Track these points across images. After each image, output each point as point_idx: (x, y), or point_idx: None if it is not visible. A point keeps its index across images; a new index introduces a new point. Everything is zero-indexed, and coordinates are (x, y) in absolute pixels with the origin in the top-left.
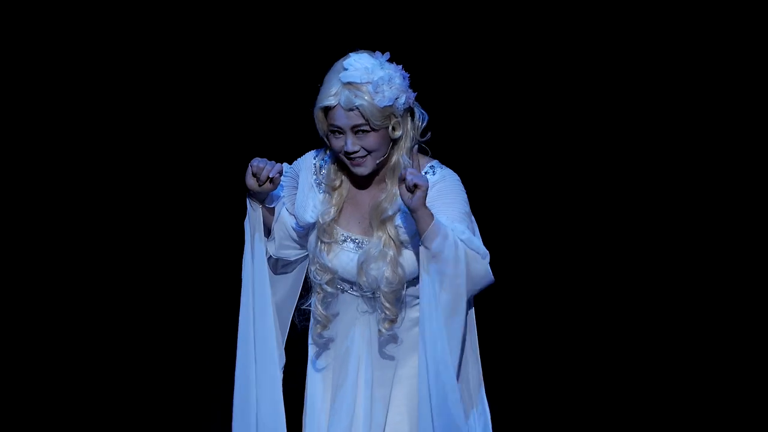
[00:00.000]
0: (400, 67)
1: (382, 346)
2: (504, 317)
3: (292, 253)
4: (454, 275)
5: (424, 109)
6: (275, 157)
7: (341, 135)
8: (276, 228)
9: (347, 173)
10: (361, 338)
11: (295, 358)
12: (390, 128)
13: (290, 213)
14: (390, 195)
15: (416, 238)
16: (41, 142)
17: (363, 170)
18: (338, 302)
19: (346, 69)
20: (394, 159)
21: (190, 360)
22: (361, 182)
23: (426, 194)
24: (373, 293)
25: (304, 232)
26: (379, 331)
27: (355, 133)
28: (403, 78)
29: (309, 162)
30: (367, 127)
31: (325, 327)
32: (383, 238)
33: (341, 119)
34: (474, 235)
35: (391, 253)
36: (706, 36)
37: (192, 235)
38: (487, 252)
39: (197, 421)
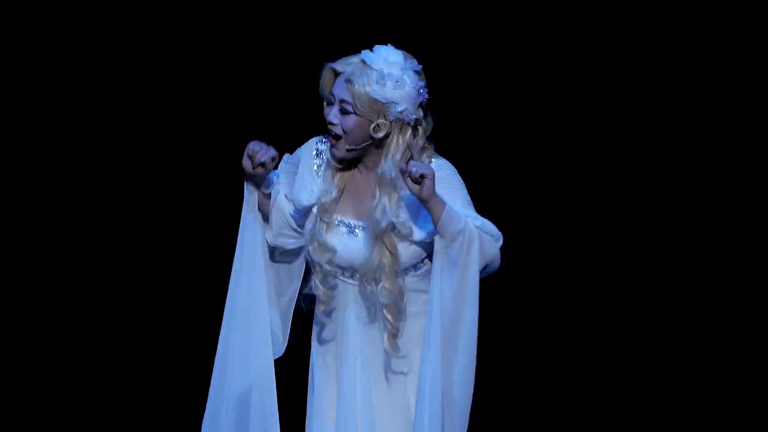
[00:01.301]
0: (424, 84)
1: (375, 334)
2: (501, 315)
3: (290, 242)
4: (465, 263)
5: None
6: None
7: (332, 104)
8: (274, 215)
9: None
10: (355, 322)
11: (301, 341)
12: (373, 125)
13: (289, 200)
14: (380, 206)
15: (418, 231)
16: (41, 141)
17: (336, 152)
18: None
19: (372, 51)
20: (381, 168)
21: (189, 359)
22: (359, 171)
23: (434, 182)
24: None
25: (301, 219)
26: (385, 350)
27: (340, 108)
28: (417, 92)
29: (311, 147)
30: (349, 107)
31: (328, 304)
32: (379, 251)
33: (337, 88)
34: None
35: (387, 269)
36: (709, 36)
37: (191, 233)
38: (501, 234)
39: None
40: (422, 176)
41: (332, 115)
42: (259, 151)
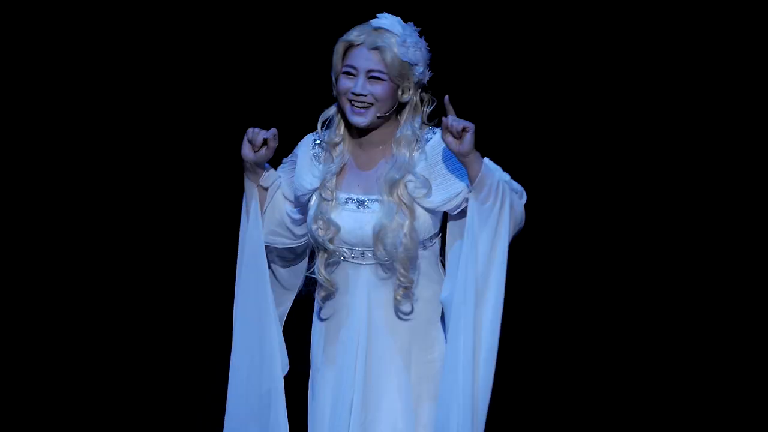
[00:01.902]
0: (426, 44)
1: (380, 320)
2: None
3: (284, 241)
4: (500, 215)
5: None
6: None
7: (353, 76)
8: (269, 212)
9: (349, 136)
10: (363, 306)
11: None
12: (400, 89)
13: (287, 198)
14: (398, 163)
15: (435, 195)
16: (41, 141)
17: (361, 120)
18: (338, 272)
19: (378, 18)
20: (400, 130)
21: (191, 359)
22: (362, 147)
23: (474, 135)
24: (389, 261)
25: (301, 214)
26: (395, 298)
27: (368, 77)
28: (428, 52)
29: (308, 140)
30: (381, 75)
31: (328, 291)
32: (395, 205)
33: (360, 59)
34: None
35: (406, 222)
36: (715, 36)
37: (190, 232)
38: (524, 190)
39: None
40: (464, 129)
41: (359, 86)
42: (259, 132)
